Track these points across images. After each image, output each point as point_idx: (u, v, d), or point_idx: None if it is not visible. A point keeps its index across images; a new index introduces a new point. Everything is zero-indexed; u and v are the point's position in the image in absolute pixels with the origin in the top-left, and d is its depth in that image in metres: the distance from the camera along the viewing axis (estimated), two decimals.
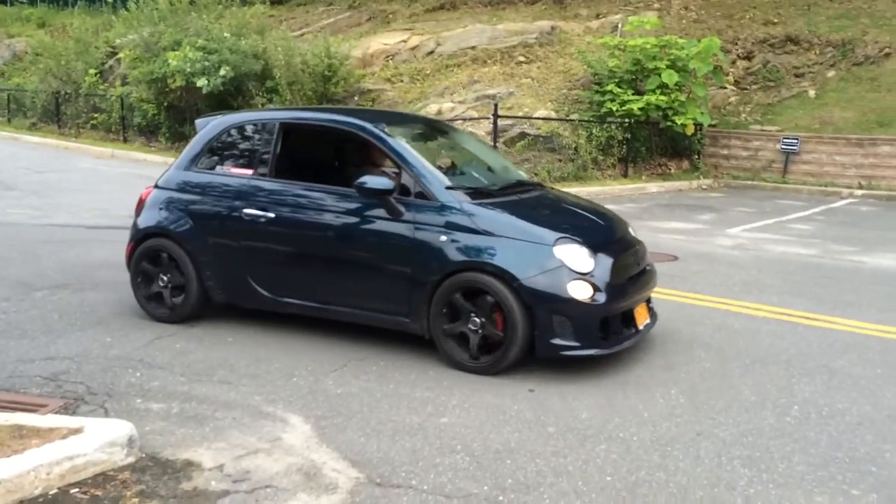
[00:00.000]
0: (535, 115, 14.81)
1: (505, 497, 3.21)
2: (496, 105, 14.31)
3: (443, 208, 4.73)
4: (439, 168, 5.23)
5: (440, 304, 4.67)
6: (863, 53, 16.69)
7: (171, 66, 16.55)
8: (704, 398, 4.32)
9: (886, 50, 16.44)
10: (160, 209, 5.52)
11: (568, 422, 3.99)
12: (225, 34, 17.10)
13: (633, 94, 14.66)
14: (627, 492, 3.28)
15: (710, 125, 15.55)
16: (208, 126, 5.66)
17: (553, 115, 15.01)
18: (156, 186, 5.67)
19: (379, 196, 4.79)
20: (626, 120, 14.75)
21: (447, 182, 4.89)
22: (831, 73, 16.73)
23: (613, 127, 14.82)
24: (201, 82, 16.19)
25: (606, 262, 4.67)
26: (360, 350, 5.00)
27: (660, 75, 14.43)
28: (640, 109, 14.43)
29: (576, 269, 4.53)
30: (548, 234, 4.65)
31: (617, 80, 14.97)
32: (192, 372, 4.56)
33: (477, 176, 5.60)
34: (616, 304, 4.65)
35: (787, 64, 17.35)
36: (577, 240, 4.67)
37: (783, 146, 15.00)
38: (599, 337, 4.58)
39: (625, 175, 14.86)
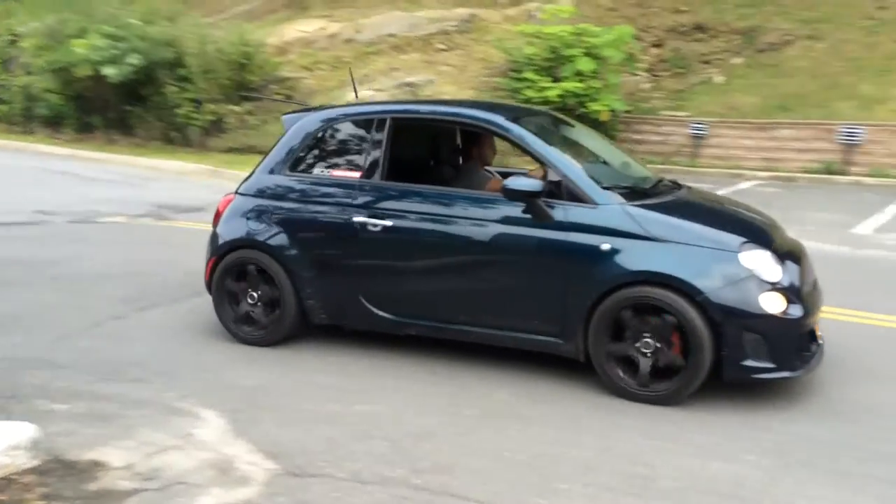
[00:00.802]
0: None
1: (421, 479, 3.26)
2: (416, 93, 14.31)
3: (602, 211, 4.12)
4: None
5: (602, 323, 4.08)
6: (765, 41, 17.41)
7: (78, 55, 15.87)
8: None
9: (787, 37, 17.20)
10: (248, 218, 4.89)
11: (485, 404, 4.07)
12: (133, 21, 16.51)
13: (550, 82, 14.89)
14: (537, 466, 3.38)
15: (624, 111, 15.95)
16: (301, 123, 4.96)
17: None
18: (237, 193, 5.05)
19: (527, 199, 4.19)
20: (544, 107, 14.98)
21: (600, 181, 4.31)
22: (737, 60, 17.39)
23: None
24: (109, 71, 15.58)
25: (793, 269, 4.19)
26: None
27: (575, 63, 14.71)
28: (557, 96, 14.67)
29: (766, 279, 3.98)
30: (731, 239, 4.10)
31: (535, 68, 15.18)
32: (100, 371, 4.43)
33: (609, 174, 4.81)
34: (810, 317, 4.11)
35: (696, 51, 17.95)
36: (760, 245, 4.14)
37: (693, 131, 15.53)
38: (794, 356, 4.05)
39: None
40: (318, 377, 4.41)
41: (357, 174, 4.70)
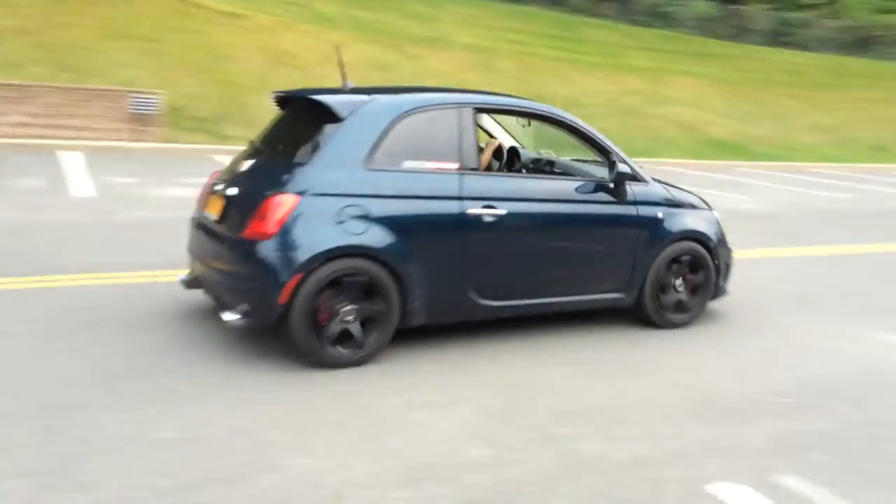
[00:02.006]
0: None
1: None
2: None
3: (652, 187, 5.25)
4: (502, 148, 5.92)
5: (655, 275, 5.22)
6: None
7: None
8: None
9: None
10: (337, 222, 4.21)
11: None
12: None
13: None
14: None
15: None
16: (376, 112, 4.46)
17: None
18: (299, 194, 4.17)
19: (624, 181, 5.06)
20: None
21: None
22: None
23: None
24: None
25: None
26: None
27: None
28: None
29: (721, 225, 5.67)
30: (703, 201, 5.71)
31: None
32: None
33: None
34: None
35: None
36: None
37: None
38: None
39: None
40: None
41: (454, 165, 4.59)
